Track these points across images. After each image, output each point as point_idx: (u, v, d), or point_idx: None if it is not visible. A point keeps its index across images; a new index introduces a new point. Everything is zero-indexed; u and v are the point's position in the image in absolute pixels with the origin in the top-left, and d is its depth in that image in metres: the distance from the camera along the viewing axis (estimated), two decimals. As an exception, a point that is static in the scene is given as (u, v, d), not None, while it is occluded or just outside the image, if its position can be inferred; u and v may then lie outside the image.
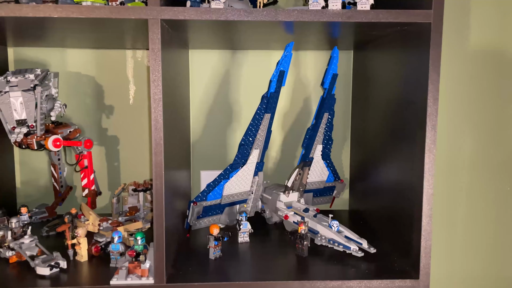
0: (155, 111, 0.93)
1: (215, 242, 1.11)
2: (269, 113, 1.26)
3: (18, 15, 0.89)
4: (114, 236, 1.07)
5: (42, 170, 1.59)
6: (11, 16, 0.89)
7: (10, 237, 1.11)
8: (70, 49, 1.55)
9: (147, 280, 0.97)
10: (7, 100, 1.25)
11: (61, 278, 1.02)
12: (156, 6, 0.90)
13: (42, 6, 0.89)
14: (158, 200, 0.95)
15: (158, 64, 0.91)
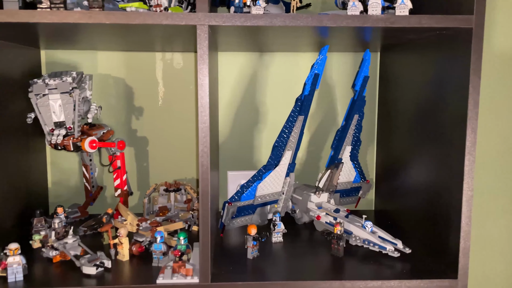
0: (202, 115, 0.95)
1: (253, 242, 1.13)
2: (302, 115, 1.28)
3: (71, 22, 0.91)
4: (156, 236, 1.09)
5: (72, 170, 1.62)
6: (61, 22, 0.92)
7: (54, 237, 1.13)
8: (101, 52, 1.57)
9: (192, 279, 1.00)
10: (46, 103, 1.27)
11: (106, 277, 1.05)
12: (205, 13, 0.92)
13: (93, 13, 0.91)
14: (204, 202, 0.97)
15: (206, 68, 0.93)
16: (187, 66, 1.60)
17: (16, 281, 1.01)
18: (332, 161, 1.46)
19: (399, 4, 1.05)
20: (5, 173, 1.24)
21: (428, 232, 1.19)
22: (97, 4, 1.01)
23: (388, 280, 1.02)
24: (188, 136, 1.63)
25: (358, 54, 1.60)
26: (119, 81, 1.60)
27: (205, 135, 0.95)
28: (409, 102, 1.33)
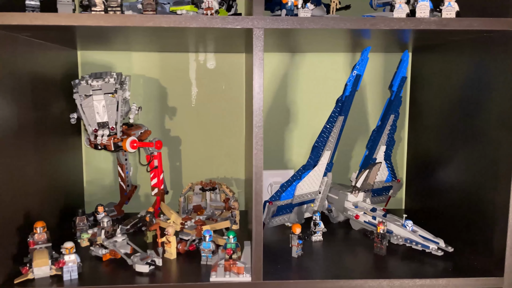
0: (256, 119, 0.97)
1: (299, 241, 1.15)
2: (342, 115, 1.30)
3: (130, 25, 0.93)
4: (205, 234, 1.11)
5: (107, 170, 1.64)
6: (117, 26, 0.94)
7: (103, 235, 1.16)
8: (135, 52, 1.59)
9: (244, 277, 1.02)
10: (90, 103, 1.29)
11: (158, 275, 1.07)
12: (261, 16, 0.94)
13: (152, 16, 0.93)
14: (257, 201, 0.99)
15: (261, 71, 0.95)
16: (220, 66, 1.62)
17: (71, 279, 1.03)
18: (366, 160, 1.48)
19: (445, 7, 1.06)
20: (46, 173, 1.26)
21: (469, 231, 1.20)
22: (150, 7, 1.02)
23: (436, 279, 1.04)
24: (219, 136, 1.65)
25: (388, 54, 1.61)
26: (153, 81, 1.61)
27: (259, 138, 0.97)
28: (443, 103, 1.34)
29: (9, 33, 1.04)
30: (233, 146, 1.66)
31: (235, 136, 1.66)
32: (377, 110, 1.66)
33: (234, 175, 1.69)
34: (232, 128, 1.65)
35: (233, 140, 1.66)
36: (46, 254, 1.03)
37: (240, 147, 1.67)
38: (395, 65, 1.60)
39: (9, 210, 1.05)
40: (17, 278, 1.01)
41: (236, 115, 1.65)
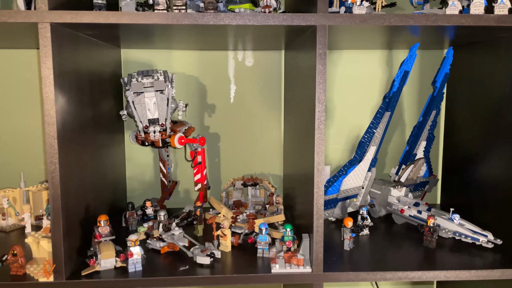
0: (319, 113, 0.99)
1: (352, 234, 1.18)
2: (389, 111, 1.32)
3: (201, 23, 0.96)
4: (261, 227, 1.14)
5: (148, 165, 1.67)
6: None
7: (161, 229, 1.18)
8: (175, 51, 1.62)
9: (304, 269, 1.04)
10: (142, 101, 1.32)
11: (217, 266, 1.09)
12: (325, 13, 0.96)
13: (224, 15, 0.95)
14: (319, 195, 1.02)
15: (325, 67, 0.97)
16: (258, 64, 1.64)
17: (136, 271, 1.06)
18: (407, 156, 1.50)
19: (498, 4, 1.08)
20: (99, 169, 1.29)
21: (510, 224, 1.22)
22: (212, 6, 1.05)
23: (490, 269, 1.06)
24: (257, 133, 1.68)
25: (426, 51, 1.63)
26: (192, 79, 1.64)
27: (322, 133, 1.00)
28: (480, 99, 1.36)
29: (73, 32, 1.07)
30: (270, 143, 1.69)
31: (272, 133, 1.68)
32: (411, 106, 1.68)
33: (271, 171, 1.71)
34: (270, 125, 1.68)
35: (270, 137, 1.69)
36: (112, 246, 1.06)
37: (277, 144, 1.69)
38: (429, 62, 1.63)
39: (74, 204, 1.08)
40: (84, 270, 1.04)
41: (274, 112, 1.67)
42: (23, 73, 1.57)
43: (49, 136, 0.96)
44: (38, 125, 1.60)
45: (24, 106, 1.59)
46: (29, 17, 0.92)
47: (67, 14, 0.93)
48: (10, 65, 1.56)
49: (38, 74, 1.57)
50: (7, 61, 1.56)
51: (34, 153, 1.61)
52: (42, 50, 0.93)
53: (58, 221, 0.99)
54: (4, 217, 1.38)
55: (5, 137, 1.60)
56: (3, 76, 1.57)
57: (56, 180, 0.98)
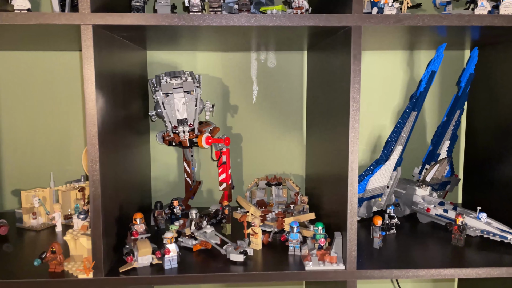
0: (353, 112, 1.01)
1: (382, 233, 1.19)
2: (415, 111, 1.33)
3: (232, 25, 0.98)
4: (293, 225, 1.16)
5: (172, 166, 1.69)
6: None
7: (193, 227, 1.20)
8: (199, 52, 1.64)
9: (338, 266, 1.06)
10: (171, 101, 1.34)
11: (250, 264, 1.11)
12: (360, 14, 0.98)
13: (261, 16, 0.97)
14: (353, 193, 1.03)
15: (359, 68, 0.99)
16: (280, 65, 1.66)
17: (172, 268, 1.08)
18: (430, 155, 1.51)
19: (526, 4, 1.10)
20: (128, 168, 1.31)
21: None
22: (246, 7, 1.07)
23: (522, 267, 1.07)
24: (279, 133, 1.69)
25: (446, 52, 1.64)
26: (215, 80, 1.66)
27: (356, 132, 1.01)
28: (503, 99, 1.37)
29: (108, 33, 1.09)
30: (292, 143, 1.70)
31: (294, 133, 1.70)
32: (431, 105, 1.69)
33: (292, 171, 1.73)
34: (291, 125, 1.69)
35: (292, 138, 1.70)
36: (148, 244, 1.08)
37: (299, 144, 1.70)
38: (450, 62, 1.64)
39: (110, 203, 1.10)
40: (122, 267, 1.06)
41: (295, 112, 1.69)
42: (54, 75, 1.60)
43: (91, 136, 0.99)
44: (67, 126, 1.62)
45: (53, 108, 1.61)
46: (72, 19, 0.94)
47: (109, 16, 0.95)
48: (42, 67, 1.59)
49: (68, 75, 1.60)
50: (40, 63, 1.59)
51: (62, 153, 1.63)
52: (85, 51, 0.96)
53: (98, 219, 1.01)
54: (35, 216, 1.40)
55: (36, 138, 1.62)
56: (36, 78, 1.59)
57: (97, 178, 1.00)
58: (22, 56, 1.58)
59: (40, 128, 1.62)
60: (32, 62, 1.58)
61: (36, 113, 1.61)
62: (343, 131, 1.07)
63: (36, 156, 1.63)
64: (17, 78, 1.59)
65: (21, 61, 1.58)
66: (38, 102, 1.61)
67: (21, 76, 1.59)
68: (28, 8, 1.03)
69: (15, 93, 1.60)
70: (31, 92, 1.60)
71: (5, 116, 1.60)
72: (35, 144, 1.63)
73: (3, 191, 1.64)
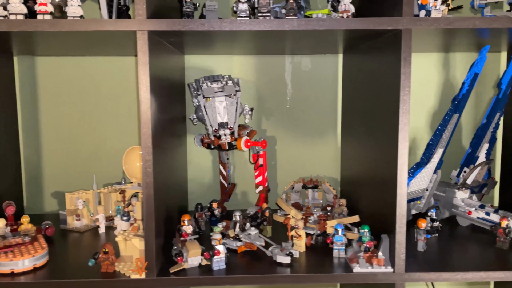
0: (403, 114, 1.01)
1: (427, 236, 1.19)
2: (457, 113, 1.33)
3: (287, 29, 0.99)
4: (338, 228, 1.16)
5: (207, 168, 1.71)
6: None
7: (238, 229, 1.22)
8: (235, 56, 1.66)
9: (386, 269, 1.06)
10: (213, 105, 1.36)
11: (296, 266, 1.12)
12: (411, 17, 0.98)
13: (311, 20, 0.99)
14: (401, 195, 1.03)
15: (409, 70, 0.99)
16: (314, 68, 1.67)
17: (220, 269, 1.09)
18: (469, 158, 1.50)
19: None
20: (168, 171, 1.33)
21: None
22: (293, 12, 1.08)
23: None
24: (313, 136, 1.70)
25: (477, 54, 1.63)
26: (250, 83, 1.68)
27: (405, 134, 1.02)
28: None
29: (158, 38, 1.11)
30: (326, 146, 1.71)
31: (328, 136, 1.71)
32: (467, 108, 1.68)
33: (326, 173, 1.73)
34: (325, 128, 1.70)
35: (326, 140, 1.71)
36: (198, 245, 1.09)
37: (333, 147, 1.71)
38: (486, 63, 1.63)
39: (159, 204, 1.12)
40: (172, 268, 1.07)
41: (330, 115, 1.69)
42: (94, 80, 1.64)
43: (145, 139, 1.01)
44: (105, 129, 1.66)
45: (91, 112, 1.65)
46: (129, 25, 0.97)
47: (163, 23, 0.97)
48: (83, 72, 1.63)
49: (109, 80, 1.63)
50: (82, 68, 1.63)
51: (99, 156, 1.67)
52: (140, 57, 0.98)
53: (151, 220, 1.03)
54: (78, 218, 1.43)
55: (74, 141, 1.66)
56: (76, 83, 1.64)
57: (150, 180, 1.02)
58: (64, 61, 1.62)
59: (79, 131, 1.66)
60: (73, 66, 1.62)
61: (75, 116, 1.65)
62: (391, 134, 1.07)
63: (75, 159, 1.67)
64: (57, 82, 1.63)
65: (62, 65, 1.62)
66: (77, 105, 1.65)
67: (61, 80, 1.63)
68: (81, 15, 1.06)
69: (55, 96, 1.64)
70: (70, 96, 1.64)
71: (45, 119, 1.65)
72: (74, 147, 1.66)
73: (43, 193, 1.69)
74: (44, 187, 1.68)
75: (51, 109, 1.64)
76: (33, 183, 1.67)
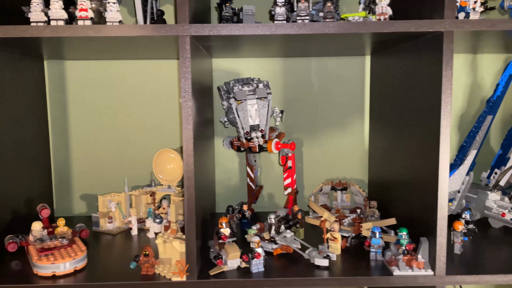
0: (445, 115, 1.01)
1: (464, 238, 1.18)
2: (491, 115, 1.32)
3: (328, 32, 0.99)
4: (375, 231, 1.16)
5: (234, 170, 1.72)
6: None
7: (274, 231, 1.22)
8: (260, 59, 1.66)
9: (426, 271, 1.05)
10: (245, 107, 1.37)
11: (334, 268, 1.12)
12: (453, 19, 0.98)
13: (353, 23, 0.99)
14: (443, 197, 1.03)
15: (451, 72, 0.99)
16: (341, 69, 1.67)
17: (259, 272, 1.09)
18: (500, 159, 1.49)
19: None
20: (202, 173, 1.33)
21: None
22: (331, 15, 1.08)
23: None
24: (339, 138, 1.70)
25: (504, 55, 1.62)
26: (276, 85, 1.68)
27: (447, 137, 1.01)
28: None
29: (195, 42, 1.12)
30: (353, 148, 1.71)
31: (355, 138, 1.70)
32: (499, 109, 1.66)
33: (353, 176, 1.73)
34: (352, 130, 1.70)
35: (353, 142, 1.70)
36: (237, 247, 1.10)
37: (360, 149, 1.70)
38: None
39: (198, 208, 1.12)
40: (212, 270, 1.08)
41: (357, 117, 1.69)
42: (123, 83, 1.65)
43: (187, 142, 1.02)
44: (133, 132, 1.67)
45: (119, 115, 1.66)
46: (172, 30, 0.98)
47: (205, 28, 0.98)
48: (113, 75, 1.65)
49: (140, 83, 1.65)
50: (111, 71, 1.65)
51: (128, 159, 1.68)
52: (182, 61, 0.99)
53: (192, 223, 1.04)
54: (111, 220, 1.45)
55: (103, 144, 1.68)
56: (105, 86, 1.65)
57: (191, 184, 1.03)
58: (92, 64, 1.64)
59: (107, 134, 1.67)
60: (101, 70, 1.64)
61: (103, 119, 1.67)
62: (430, 135, 1.07)
63: (103, 162, 1.68)
64: (85, 86, 1.65)
65: (90, 69, 1.64)
66: (105, 109, 1.66)
67: (89, 84, 1.65)
68: (119, 20, 1.07)
69: (83, 100, 1.66)
70: (98, 99, 1.66)
71: (73, 123, 1.66)
72: (102, 150, 1.68)
73: (72, 196, 1.70)
74: (72, 190, 1.70)
75: (76, 113, 1.66)
76: (62, 185, 1.69)
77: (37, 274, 1.09)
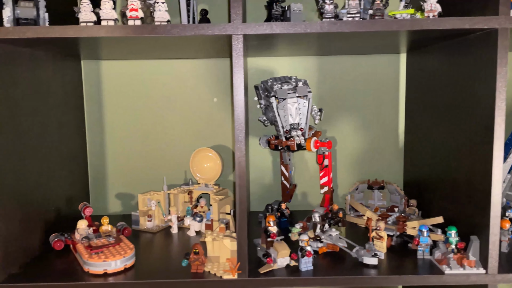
0: (499, 119, 1.00)
1: (511, 236, 1.17)
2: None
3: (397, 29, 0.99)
4: (423, 229, 1.15)
5: (267, 169, 1.72)
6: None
7: (319, 230, 1.22)
8: (294, 57, 1.66)
9: (478, 270, 1.05)
10: (285, 106, 1.37)
11: (381, 267, 1.11)
12: (508, 16, 0.97)
13: (405, 21, 0.99)
14: (496, 195, 1.02)
15: (506, 70, 0.98)
16: (375, 68, 1.66)
17: (308, 270, 1.10)
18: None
19: None
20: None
21: None
22: (380, 12, 1.08)
23: None
24: (374, 137, 1.69)
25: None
26: (310, 84, 1.66)
27: (501, 135, 1.00)
28: None
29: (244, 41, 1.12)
30: (387, 147, 1.70)
31: (389, 137, 1.69)
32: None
33: (388, 174, 1.72)
34: (386, 129, 1.69)
35: (387, 141, 1.70)
36: (286, 246, 1.10)
37: (395, 148, 1.69)
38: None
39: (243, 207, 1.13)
40: (261, 268, 1.09)
41: (391, 116, 1.68)
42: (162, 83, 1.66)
43: (239, 141, 1.03)
44: (168, 131, 1.68)
45: (156, 113, 1.68)
46: (225, 29, 0.98)
47: (259, 26, 0.98)
48: (141, 74, 1.66)
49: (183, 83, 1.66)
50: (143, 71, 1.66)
51: (163, 158, 1.70)
52: (235, 60, 1.00)
53: (244, 221, 1.04)
54: (150, 219, 1.46)
55: (138, 144, 1.69)
56: (139, 85, 1.67)
57: (243, 183, 1.03)
58: (128, 64, 1.65)
59: (143, 133, 1.69)
60: (137, 69, 1.65)
61: (138, 119, 1.68)
62: (481, 133, 1.06)
63: (138, 161, 1.69)
64: (121, 85, 1.66)
65: (126, 69, 1.65)
66: (140, 108, 1.67)
67: (125, 83, 1.66)
68: (167, 20, 1.08)
69: (119, 99, 1.67)
70: (133, 99, 1.67)
71: (109, 122, 1.68)
72: (137, 149, 1.69)
73: (107, 195, 1.72)
74: (108, 188, 1.71)
75: (113, 113, 1.67)
76: (98, 184, 1.70)
77: (88, 272, 1.11)
